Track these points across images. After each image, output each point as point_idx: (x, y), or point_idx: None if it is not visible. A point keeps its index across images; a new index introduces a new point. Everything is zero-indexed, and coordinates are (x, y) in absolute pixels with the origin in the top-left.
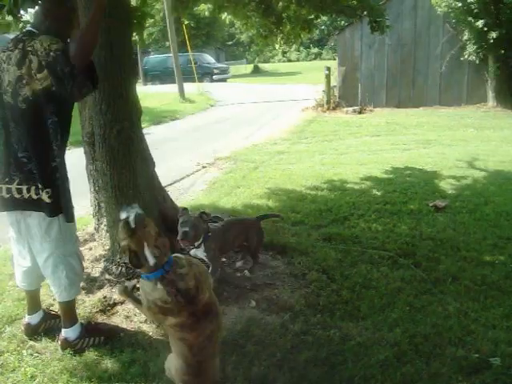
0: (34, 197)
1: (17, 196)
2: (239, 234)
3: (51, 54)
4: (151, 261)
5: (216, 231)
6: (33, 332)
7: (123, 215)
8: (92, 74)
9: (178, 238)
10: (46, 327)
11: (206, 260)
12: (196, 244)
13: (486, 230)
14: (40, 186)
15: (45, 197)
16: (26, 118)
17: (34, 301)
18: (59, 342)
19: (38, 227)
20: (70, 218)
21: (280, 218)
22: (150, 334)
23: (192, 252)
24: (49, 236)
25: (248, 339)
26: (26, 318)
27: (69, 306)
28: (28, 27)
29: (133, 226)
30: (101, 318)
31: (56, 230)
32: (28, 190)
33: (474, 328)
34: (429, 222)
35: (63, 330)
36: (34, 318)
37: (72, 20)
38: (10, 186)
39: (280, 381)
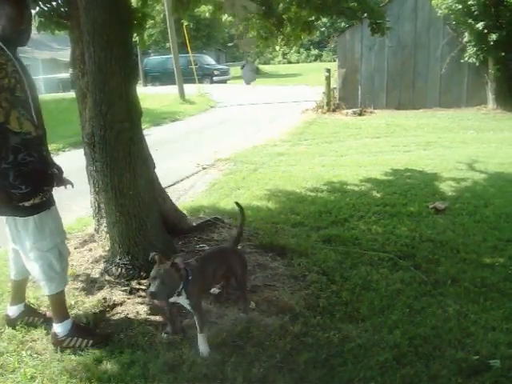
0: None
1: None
2: (219, 266)
3: None
4: None
5: (195, 272)
6: (12, 324)
7: None
8: None
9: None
10: (25, 322)
11: (189, 308)
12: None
13: (485, 232)
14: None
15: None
16: None
17: (18, 292)
18: (50, 336)
19: (19, 222)
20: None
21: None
22: (150, 335)
23: (172, 299)
24: (26, 230)
25: (247, 341)
26: (8, 309)
27: (55, 300)
28: None
29: None
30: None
31: (32, 226)
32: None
33: (473, 330)
34: (429, 224)
35: (54, 325)
36: (14, 311)
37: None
38: None
39: (280, 382)
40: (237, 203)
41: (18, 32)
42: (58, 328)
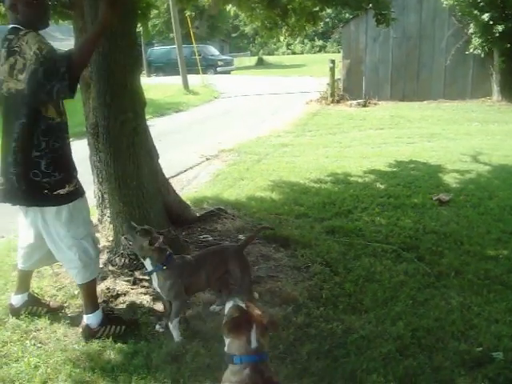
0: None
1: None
2: (215, 268)
3: (40, 57)
4: (254, 344)
5: (185, 266)
6: (15, 313)
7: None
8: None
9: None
10: (28, 311)
11: (164, 297)
12: (148, 265)
13: (489, 224)
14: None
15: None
16: (21, 111)
17: (23, 281)
18: (80, 330)
19: (49, 212)
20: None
21: (267, 228)
22: (153, 325)
23: (153, 284)
24: (59, 220)
25: None
26: (11, 298)
27: (89, 289)
28: (12, 24)
29: (245, 308)
30: (104, 309)
31: (65, 214)
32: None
33: (476, 322)
34: (432, 216)
35: (85, 317)
36: (18, 300)
37: (44, 5)
38: (12, 177)
39: (282, 373)
40: (266, 227)
41: (39, 15)
42: (91, 319)
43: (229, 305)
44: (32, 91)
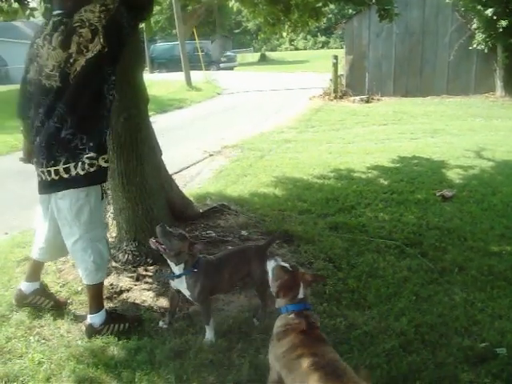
0: (81, 173)
1: (65, 176)
2: (237, 269)
3: (108, 11)
4: (300, 295)
5: (206, 269)
6: (21, 299)
7: (271, 265)
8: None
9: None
10: (34, 301)
11: (191, 299)
12: (176, 269)
13: (493, 220)
14: (92, 156)
15: (101, 162)
16: (74, 95)
17: (35, 270)
18: (84, 328)
19: (69, 211)
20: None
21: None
22: (156, 321)
23: (173, 284)
24: (78, 220)
25: (254, 327)
26: (21, 284)
27: (96, 291)
28: (56, 12)
29: (290, 269)
30: (107, 305)
31: (86, 214)
32: (75, 167)
33: (480, 318)
34: (436, 212)
35: (89, 316)
36: (28, 287)
37: None
38: (57, 168)
39: None
40: (285, 232)
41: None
42: (95, 319)
43: (271, 264)
44: (111, 44)
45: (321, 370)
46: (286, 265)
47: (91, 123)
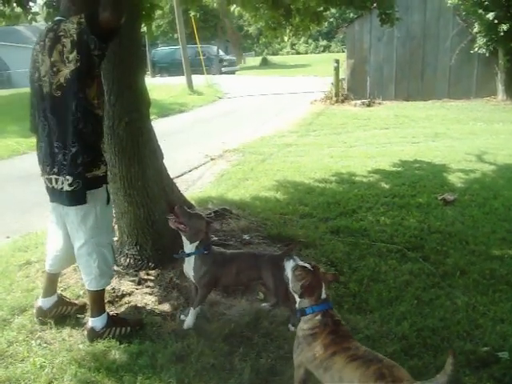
0: (67, 188)
1: (55, 186)
2: (247, 270)
3: (81, 24)
4: (323, 295)
5: (216, 256)
6: (43, 316)
7: (290, 265)
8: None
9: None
10: (57, 312)
11: (193, 281)
12: (188, 247)
13: (494, 224)
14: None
15: (66, 184)
16: (59, 106)
17: (51, 284)
18: (85, 332)
19: (75, 215)
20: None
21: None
22: (158, 325)
23: (184, 268)
24: (84, 225)
25: (256, 331)
26: (39, 301)
27: (98, 296)
28: (57, 17)
29: (312, 269)
30: (109, 309)
31: (92, 220)
32: (62, 182)
33: (482, 322)
34: (437, 216)
35: (90, 320)
36: (47, 302)
37: None
38: (50, 177)
39: (287, 373)
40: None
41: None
42: (96, 322)
43: (289, 264)
44: (83, 59)
45: (359, 359)
46: (307, 264)
47: (81, 136)
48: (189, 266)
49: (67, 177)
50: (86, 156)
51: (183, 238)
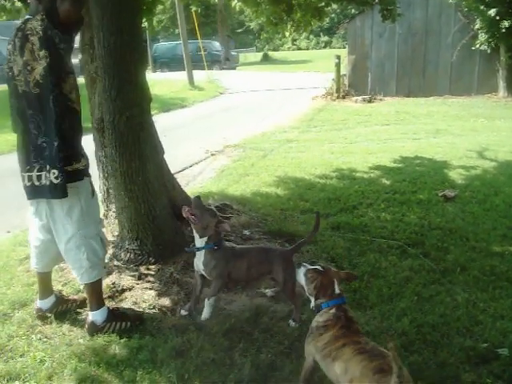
0: (54, 181)
1: (36, 183)
2: (258, 264)
3: (44, 21)
4: (337, 291)
5: (227, 250)
6: (45, 317)
7: (302, 271)
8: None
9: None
10: (58, 311)
11: (205, 274)
12: (198, 242)
13: (495, 221)
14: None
15: (52, 178)
16: (38, 103)
17: (45, 285)
18: (86, 326)
19: (61, 209)
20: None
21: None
22: (158, 320)
23: (195, 262)
24: (70, 218)
25: (256, 327)
26: (38, 303)
27: (93, 288)
28: (26, 16)
29: (322, 269)
30: (109, 304)
31: (78, 212)
32: (45, 176)
33: (482, 318)
34: (438, 212)
35: (90, 313)
36: (46, 303)
37: None
38: (30, 174)
39: (287, 369)
40: (317, 213)
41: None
42: (96, 316)
43: (302, 271)
44: (54, 55)
45: (365, 353)
46: (317, 267)
47: (60, 130)
48: (199, 260)
49: (53, 170)
50: (66, 150)
51: (194, 232)
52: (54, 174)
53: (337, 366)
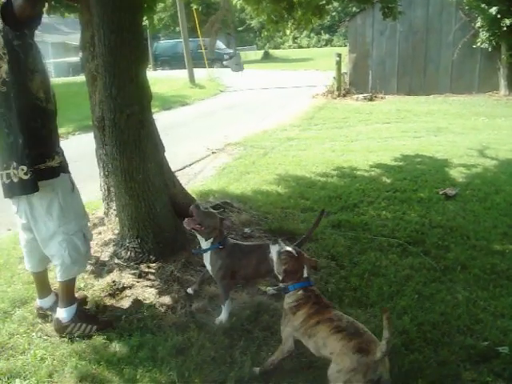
0: (24, 177)
1: (15, 180)
2: (263, 262)
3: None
4: (305, 274)
5: (233, 249)
6: (45, 315)
7: (276, 249)
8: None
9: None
10: None
11: (212, 275)
12: (204, 244)
13: (496, 219)
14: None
15: (21, 174)
16: (6, 101)
17: (42, 284)
18: (53, 322)
19: (41, 206)
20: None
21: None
22: (159, 318)
23: (204, 260)
24: (51, 215)
25: (256, 325)
26: (38, 302)
27: (67, 285)
28: None
29: (296, 254)
30: (110, 302)
31: (57, 209)
32: (16, 174)
33: (482, 317)
34: (439, 210)
35: (58, 310)
36: (46, 302)
37: None
38: (8, 172)
39: (288, 366)
40: (321, 212)
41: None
42: (63, 313)
43: (275, 248)
44: (11, 53)
45: (342, 331)
46: (291, 249)
47: (27, 129)
48: (206, 261)
49: (21, 167)
50: (37, 148)
51: (198, 236)
52: (22, 170)
53: (313, 342)
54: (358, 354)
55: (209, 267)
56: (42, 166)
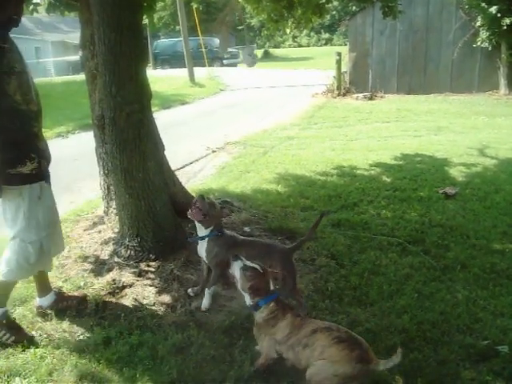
0: None
1: None
2: (258, 257)
3: None
4: (271, 287)
5: (231, 239)
6: (45, 313)
7: (239, 265)
8: None
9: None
10: (59, 308)
11: (207, 262)
12: (203, 232)
13: (496, 218)
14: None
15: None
16: None
17: (41, 283)
18: None
19: (9, 210)
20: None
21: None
22: (159, 316)
23: (198, 249)
24: (16, 220)
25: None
26: (38, 301)
27: (5, 287)
28: None
29: (261, 270)
30: (109, 300)
31: (21, 216)
32: None
33: (482, 316)
34: (438, 209)
35: None
36: (46, 301)
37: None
38: None
39: (286, 365)
40: (322, 213)
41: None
42: None
43: (238, 264)
44: None
45: (344, 342)
46: (255, 265)
47: (6, 131)
48: (202, 248)
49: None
50: (7, 152)
51: (197, 225)
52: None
53: (309, 351)
54: (360, 364)
55: (203, 254)
56: (12, 172)
